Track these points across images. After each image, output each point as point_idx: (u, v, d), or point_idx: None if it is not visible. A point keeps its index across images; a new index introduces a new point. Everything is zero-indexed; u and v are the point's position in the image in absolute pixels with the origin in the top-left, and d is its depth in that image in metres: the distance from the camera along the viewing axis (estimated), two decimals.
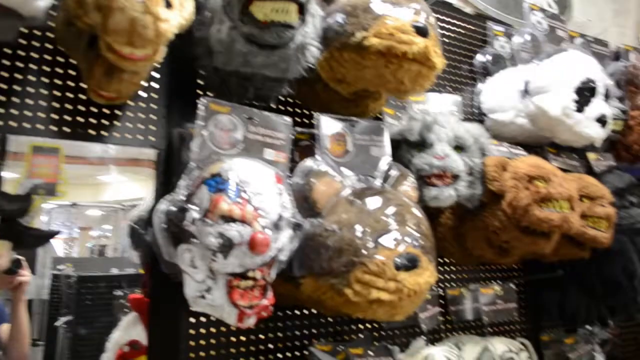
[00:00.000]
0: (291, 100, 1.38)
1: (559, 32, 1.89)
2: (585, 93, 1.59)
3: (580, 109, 1.58)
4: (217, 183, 0.92)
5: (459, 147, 1.37)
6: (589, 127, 1.59)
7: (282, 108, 1.36)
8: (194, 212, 0.90)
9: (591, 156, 1.82)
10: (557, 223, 1.34)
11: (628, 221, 1.73)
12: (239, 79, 1.13)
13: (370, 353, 1.34)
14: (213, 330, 1.20)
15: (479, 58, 1.85)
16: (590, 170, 1.78)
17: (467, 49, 1.87)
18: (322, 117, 1.19)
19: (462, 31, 1.88)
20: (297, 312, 1.35)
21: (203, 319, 1.19)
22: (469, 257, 1.56)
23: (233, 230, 0.87)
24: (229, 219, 0.87)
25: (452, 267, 1.68)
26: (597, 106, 1.61)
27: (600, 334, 2.23)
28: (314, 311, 1.36)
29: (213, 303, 0.92)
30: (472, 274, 1.72)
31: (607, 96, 1.67)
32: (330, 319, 1.40)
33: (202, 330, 1.19)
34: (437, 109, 1.51)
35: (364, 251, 0.98)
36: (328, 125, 1.19)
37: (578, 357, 1.83)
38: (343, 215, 1.03)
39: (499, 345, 1.53)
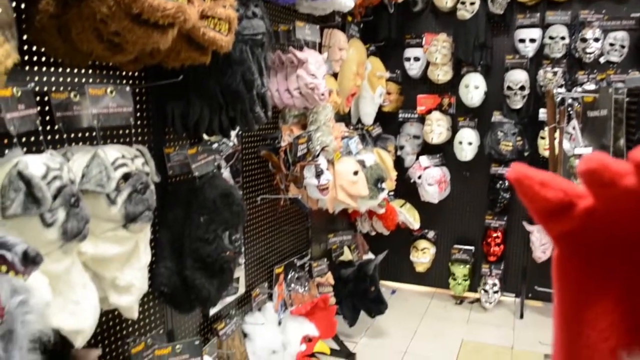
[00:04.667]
0: None
1: None
2: None
3: None
4: None
5: None
6: None
7: None
8: None
9: None
10: (172, 12, 1.22)
11: (250, 31, 1.74)
12: None
13: None
14: None
15: None
16: None
17: None
18: None
19: None
20: None
21: None
22: (76, 53, 1.34)
23: None
24: None
25: (60, 68, 1.44)
26: None
27: (226, 149, 2.35)
28: None
29: None
30: (85, 76, 1.51)
31: None
32: None
33: None
34: None
35: None
36: None
37: (201, 167, 1.85)
38: None
39: (112, 151, 1.40)
